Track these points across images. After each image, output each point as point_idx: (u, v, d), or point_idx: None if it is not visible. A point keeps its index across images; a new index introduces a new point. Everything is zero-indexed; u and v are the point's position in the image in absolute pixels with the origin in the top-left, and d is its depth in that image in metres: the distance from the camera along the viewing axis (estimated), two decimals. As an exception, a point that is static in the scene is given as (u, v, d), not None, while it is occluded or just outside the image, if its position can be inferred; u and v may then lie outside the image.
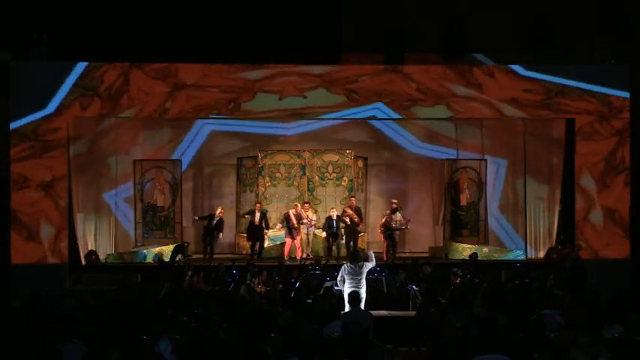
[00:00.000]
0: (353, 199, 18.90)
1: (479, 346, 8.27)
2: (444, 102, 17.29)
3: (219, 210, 18.59)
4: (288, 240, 18.52)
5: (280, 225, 18.60)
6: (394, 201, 18.87)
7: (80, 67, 16.78)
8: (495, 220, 20.12)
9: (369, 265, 13.74)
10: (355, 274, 13.53)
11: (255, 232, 18.43)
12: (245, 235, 19.03)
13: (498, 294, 13.50)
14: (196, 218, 19.23)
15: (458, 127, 20.41)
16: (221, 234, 18.64)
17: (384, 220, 18.55)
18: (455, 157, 20.29)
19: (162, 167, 19.38)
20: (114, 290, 14.53)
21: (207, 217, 18.70)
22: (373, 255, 13.98)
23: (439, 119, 19.03)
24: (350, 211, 18.38)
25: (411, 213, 19.37)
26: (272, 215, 19.11)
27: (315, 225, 18.65)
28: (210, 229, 18.40)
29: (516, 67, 17.44)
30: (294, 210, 18.55)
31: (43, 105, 16.58)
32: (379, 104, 17.26)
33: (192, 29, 17.46)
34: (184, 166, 19.79)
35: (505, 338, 9.03)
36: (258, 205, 18.66)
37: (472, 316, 10.56)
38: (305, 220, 18.46)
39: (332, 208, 18.72)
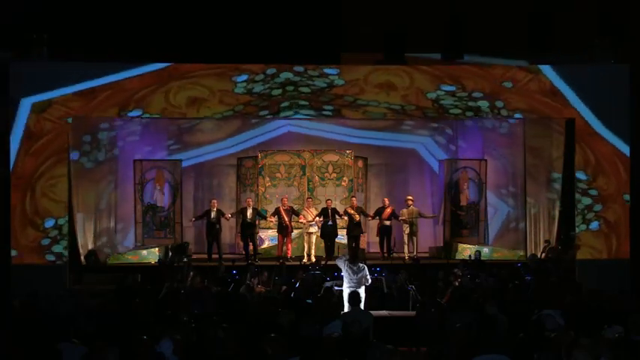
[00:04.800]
0: (354, 198, 18.88)
1: (479, 346, 8.28)
2: (444, 102, 17.34)
3: (213, 203, 18.54)
4: (280, 238, 18.39)
5: (273, 218, 18.52)
6: (409, 197, 18.92)
7: (80, 66, 16.82)
8: (495, 220, 20.11)
9: (367, 276, 13.67)
10: (353, 274, 13.55)
11: (247, 231, 18.29)
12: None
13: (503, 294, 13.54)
14: (193, 219, 19.17)
15: (458, 127, 20.43)
16: (228, 215, 18.56)
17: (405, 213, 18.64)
18: (455, 157, 20.30)
19: (162, 167, 19.37)
20: (111, 291, 14.53)
21: (204, 214, 18.67)
22: (369, 277, 13.89)
23: (439, 119, 19.02)
24: (352, 211, 18.34)
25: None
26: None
27: (318, 224, 18.51)
28: (211, 224, 18.35)
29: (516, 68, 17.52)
30: (283, 205, 18.40)
31: (42, 105, 16.60)
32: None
33: (192, 29, 17.45)
34: (184, 166, 19.78)
35: (505, 338, 9.04)
36: (248, 200, 18.60)
37: (473, 317, 10.57)
38: (311, 219, 18.36)
39: (328, 200, 18.62)
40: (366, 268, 13.70)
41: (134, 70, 16.75)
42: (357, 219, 18.29)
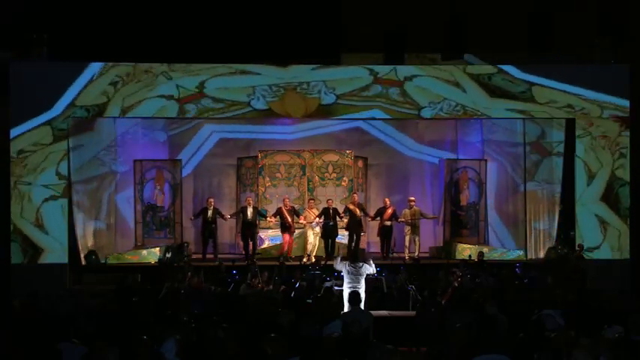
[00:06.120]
0: (355, 195, 18.86)
1: (479, 346, 8.28)
2: (444, 101, 17.41)
3: (209, 202, 18.56)
4: (286, 237, 18.41)
5: (274, 219, 18.56)
6: (412, 198, 18.94)
7: (80, 66, 16.84)
8: (495, 220, 20.11)
9: (369, 269, 13.72)
10: (354, 274, 13.56)
11: (248, 230, 18.30)
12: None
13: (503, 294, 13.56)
14: (192, 218, 19.19)
15: (458, 127, 20.42)
16: (227, 216, 18.62)
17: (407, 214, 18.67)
18: (455, 157, 20.29)
19: (162, 167, 19.36)
20: (111, 291, 14.53)
21: (200, 212, 18.70)
22: (373, 264, 13.95)
23: (439, 119, 19.01)
24: (352, 207, 18.35)
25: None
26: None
27: (319, 224, 18.53)
28: (207, 222, 18.38)
29: (516, 67, 17.53)
30: (285, 205, 18.43)
31: (42, 104, 16.62)
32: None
33: (192, 29, 17.44)
34: (184, 166, 19.77)
35: (505, 338, 9.04)
36: (248, 199, 18.62)
37: (473, 317, 10.57)
38: (313, 222, 18.40)
39: (329, 200, 18.63)
40: (365, 265, 13.72)
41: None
42: (359, 214, 18.28)
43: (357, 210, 18.32)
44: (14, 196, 16.54)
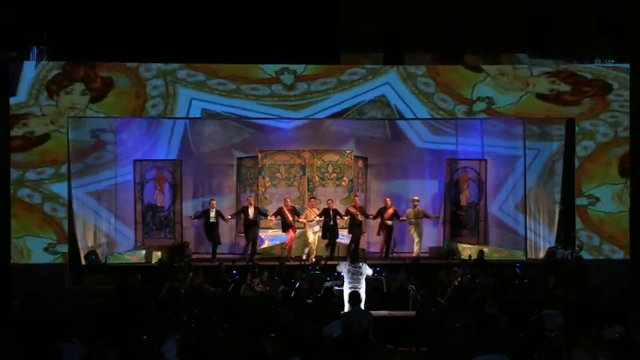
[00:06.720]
0: (357, 198, 18.90)
1: (479, 346, 8.28)
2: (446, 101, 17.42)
3: (212, 203, 18.62)
4: (290, 232, 18.47)
5: (274, 218, 18.58)
6: (415, 198, 19.01)
7: (80, 66, 16.84)
8: (495, 220, 20.11)
9: (369, 270, 13.78)
10: (354, 274, 13.59)
11: (251, 229, 18.35)
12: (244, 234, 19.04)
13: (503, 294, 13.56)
14: (192, 217, 19.21)
15: (458, 127, 20.40)
16: (228, 217, 18.71)
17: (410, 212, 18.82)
18: (455, 157, 20.28)
19: (162, 167, 19.36)
20: (111, 291, 14.53)
21: (202, 213, 18.72)
22: (370, 270, 14.01)
23: (439, 119, 19.00)
24: (354, 210, 18.38)
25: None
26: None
27: (319, 224, 18.58)
28: (210, 224, 18.41)
29: (516, 67, 17.55)
30: (286, 205, 18.50)
31: (41, 104, 16.62)
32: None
33: (191, 29, 17.44)
34: (184, 166, 19.76)
35: (505, 338, 9.04)
36: (250, 198, 18.65)
37: (473, 317, 10.57)
38: (314, 220, 18.44)
39: (329, 200, 18.69)
40: (366, 265, 13.79)
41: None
42: (359, 218, 18.33)
43: (359, 214, 18.39)
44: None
